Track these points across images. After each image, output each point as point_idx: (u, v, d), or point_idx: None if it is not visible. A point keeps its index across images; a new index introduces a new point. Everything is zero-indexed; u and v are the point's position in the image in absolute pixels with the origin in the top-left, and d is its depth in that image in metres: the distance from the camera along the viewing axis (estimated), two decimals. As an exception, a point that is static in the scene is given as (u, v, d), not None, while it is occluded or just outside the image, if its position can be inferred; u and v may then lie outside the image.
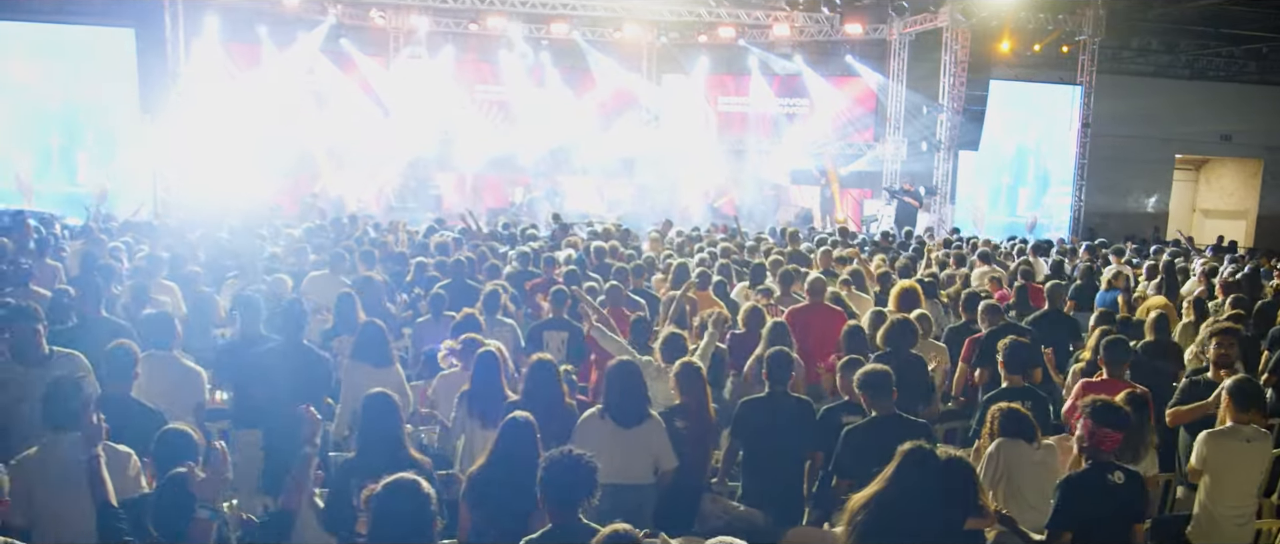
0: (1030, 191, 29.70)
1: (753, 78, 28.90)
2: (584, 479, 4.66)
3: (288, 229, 17.18)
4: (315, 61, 26.26)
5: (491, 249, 14.52)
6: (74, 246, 14.44)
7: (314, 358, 7.75)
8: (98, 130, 24.84)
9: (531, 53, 27.53)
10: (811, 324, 9.66)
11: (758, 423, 7.03)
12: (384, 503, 4.09)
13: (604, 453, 6.06)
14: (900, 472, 4.89)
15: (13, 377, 6.53)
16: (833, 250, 14.81)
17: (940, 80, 26.04)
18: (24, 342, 6.67)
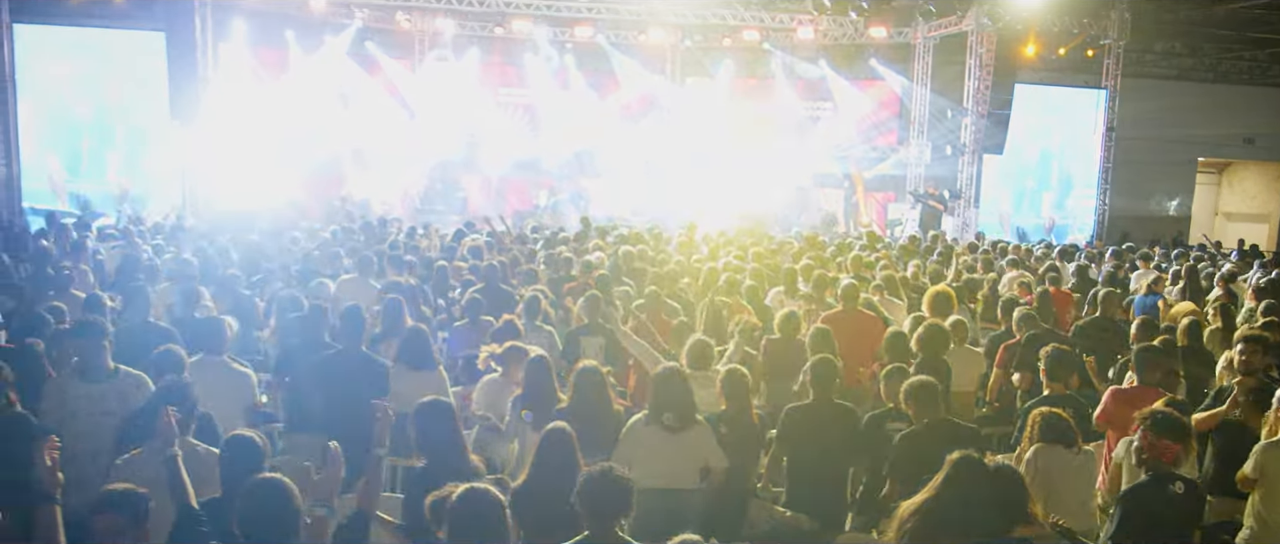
0: (1054, 195, 29.69)
1: (776, 81, 28.88)
2: (620, 496, 4.73)
3: (320, 231, 17.29)
4: (341, 65, 26.35)
5: (523, 253, 14.63)
6: (108, 249, 14.61)
7: (370, 362, 7.85)
8: (127, 133, 25.04)
9: (556, 56, 27.61)
10: (846, 330, 9.70)
11: (803, 429, 7.10)
12: (461, 511, 4.16)
13: (652, 459, 6.19)
14: (949, 479, 4.95)
15: (81, 394, 6.50)
16: (864, 255, 14.84)
17: (965, 84, 26.04)
18: (91, 358, 6.64)
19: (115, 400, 6.50)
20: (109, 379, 6.62)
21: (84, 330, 6.78)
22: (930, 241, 19.90)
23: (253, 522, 4.21)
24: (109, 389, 6.54)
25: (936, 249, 18.47)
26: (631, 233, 18.17)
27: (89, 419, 6.40)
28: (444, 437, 5.62)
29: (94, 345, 6.63)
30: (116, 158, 25.11)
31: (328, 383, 7.57)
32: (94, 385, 6.53)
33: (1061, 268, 16.01)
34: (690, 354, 7.91)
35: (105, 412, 6.44)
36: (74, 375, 6.64)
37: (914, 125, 27.90)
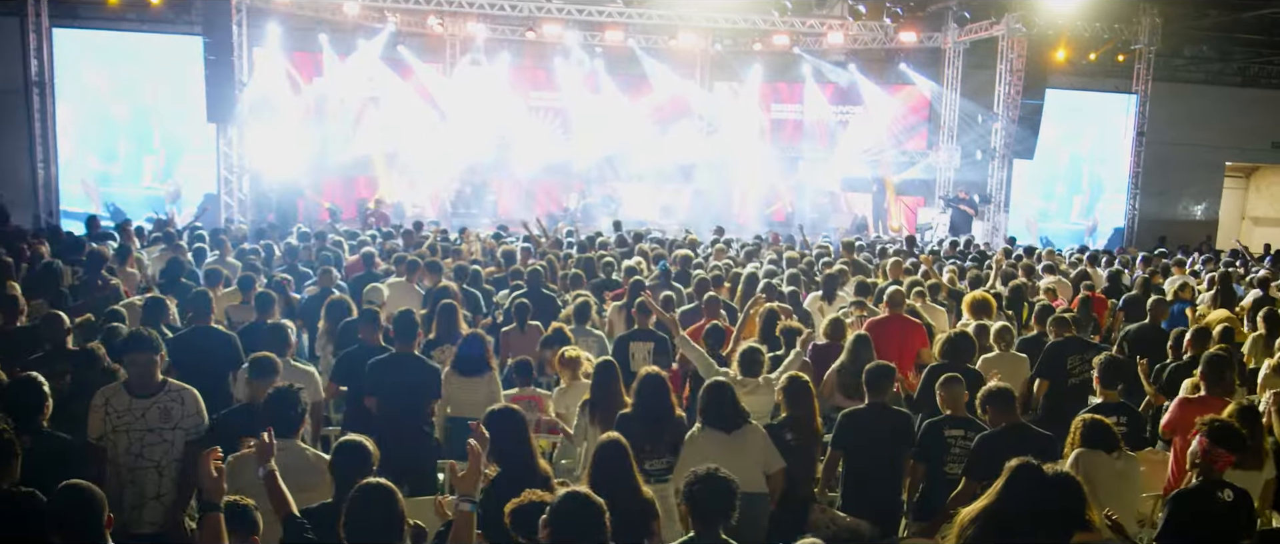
0: (1084, 199, 29.69)
1: (806, 85, 28.97)
2: (726, 496, 4.81)
3: (364, 235, 17.44)
4: (375, 69, 26.54)
5: (560, 258, 14.72)
6: (150, 252, 14.76)
7: (424, 367, 7.98)
8: (164, 136, 25.28)
9: (587, 60, 27.73)
10: (890, 335, 9.79)
11: (858, 434, 7.21)
12: (562, 514, 4.28)
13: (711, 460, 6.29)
14: (1009, 486, 5.02)
15: (126, 408, 6.35)
16: (903, 261, 14.91)
17: (996, 89, 26.09)
18: (142, 372, 6.44)
19: (158, 415, 6.37)
20: (158, 393, 6.44)
21: (136, 344, 6.52)
22: (964, 246, 19.99)
23: (360, 527, 4.31)
24: (154, 404, 6.38)
25: (970, 254, 18.56)
26: (688, 239, 18.22)
27: (136, 434, 6.30)
28: (516, 444, 5.70)
29: (146, 360, 6.43)
30: (152, 161, 25.35)
31: (382, 386, 7.71)
32: (142, 399, 6.37)
33: (1094, 273, 16.07)
34: (742, 361, 8.01)
35: (149, 427, 6.33)
36: (122, 389, 6.44)
37: (943, 130, 27.95)
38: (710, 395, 6.82)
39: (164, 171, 25.36)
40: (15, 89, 23.59)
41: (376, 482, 4.44)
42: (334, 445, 5.25)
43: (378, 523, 4.33)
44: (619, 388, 7.45)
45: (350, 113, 26.64)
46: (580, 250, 15.98)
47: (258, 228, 18.33)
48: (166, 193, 25.11)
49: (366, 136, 26.71)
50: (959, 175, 27.50)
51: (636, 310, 10.00)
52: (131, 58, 24.77)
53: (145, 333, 6.61)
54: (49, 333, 7.79)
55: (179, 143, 25.30)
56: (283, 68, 25.83)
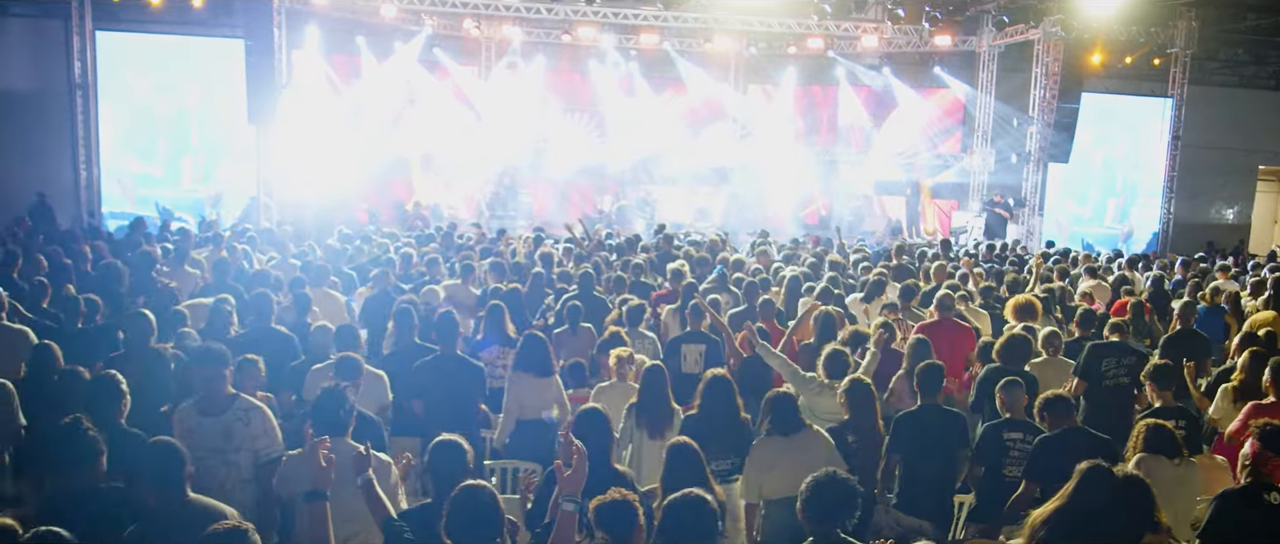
0: (1118, 203, 29.64)
1: (840, 88, 29.00)
2: (847, 499, 4.90)
3: (406, 237, 17.56)
4: (412, 71, 26.73)
5: (605, 261, 14.81)
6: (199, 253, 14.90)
7: (469, 367, 8.13)
8: (203, 138, 25.51)
9: (622, 63, 27.84)
10: (940, 339, 9.83)
11: (913, 435, 7.31)
12: (676, 515, 4.39)
13: (779, 467, 6.40)
14: (1080, 488, 5.11)
15: (200, 428, 6.08)
16: (947, 265, 14.96)
17: (1031, 93, 26.06)
18: (212, 388, 6.17)
19: (220, 435, 6.06)
20: (225, 411, 6.13)
21: (206, 357, 6.23)
22: (1000, 250, 20.01)
23: (462, 528, 4.40)
24: (218, 423, 6.07)
25: (1008, 257, 18.58)
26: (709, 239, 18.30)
27: (214, 455, 5.97)
28: (601, 444, 5.82)
29: (216, 375, 6.13)
30: (192, 163, 25.59)
31: (427, 386, 7.85)
32: (214, 418, 6.09)
33: (1134, 277, 16.08)
34: (827, 364, 8.09)
35: (212, 448, 5.99)
36: (193, 409, 6.16)
37: (977, 133, 27.95)
38: (769, 404, 6.90)
39: (203, 173, 25.57)
40: (59, 91, 23.88)
41: (478, 483, 4.54)
42: (431, 446, 5.34)
43: (480, 524, 4.42)
44: (668, 393, 7.55)
45: (388, 115, 26.80)
46: (621, 253, 16.07)
47: (299, 230, 18.45)
48: (208, 196, 25.34)
49: (403, 138, 26.87)
50: (993, 178, 27.48)
51: (690, 313, 10.08)
52: (172, 60, 25.04)
53: (216, 347, 6.32)
54: (133, 332, 7.92)
55: (218, 145, 25.51)
56: (322, 70, 26.00)
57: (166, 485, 4.89)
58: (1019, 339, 8.97)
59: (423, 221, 22.43)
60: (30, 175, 23.59)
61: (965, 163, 28.43)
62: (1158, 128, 27.60)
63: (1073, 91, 24.90)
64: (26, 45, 24.98)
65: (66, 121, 23.57)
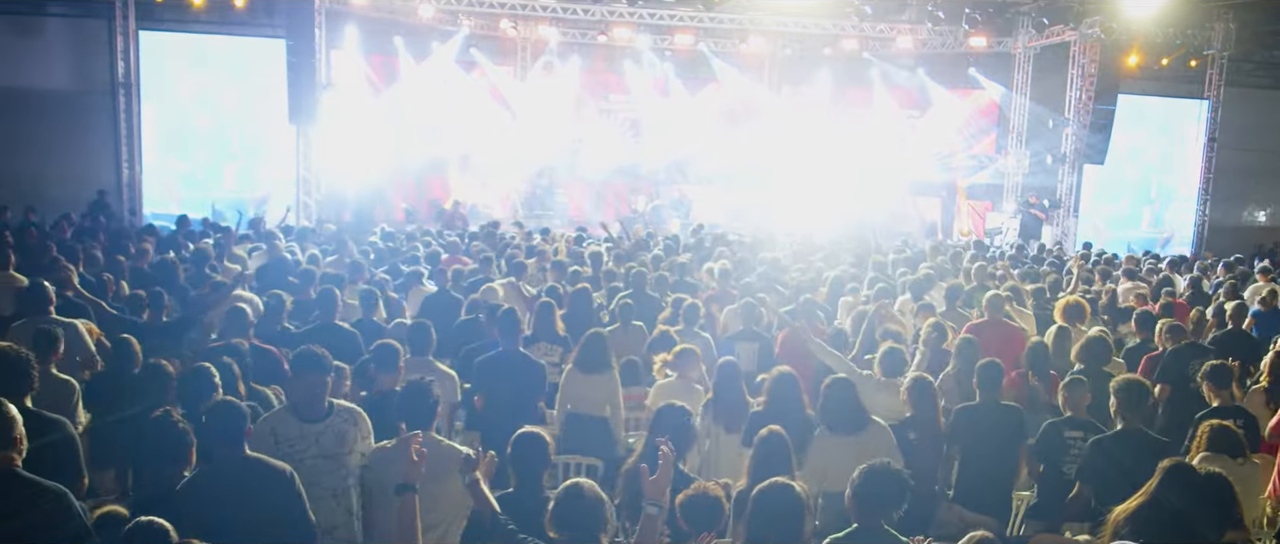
0: (1153, 207, 29.58)
1: (875, 89, 29.05)
2: (896, 489, 5.00)
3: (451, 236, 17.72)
4: (449, 71, 26.91)
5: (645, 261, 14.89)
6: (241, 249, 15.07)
7: (530, 364, 8.24)
8: (243, 138, 25.73)
9: (657, 63, 27.95)
10: (989, 339, 9.90)
11: (972, 429, 7.41)
12: (767, 503, 4.51)
13: (837, 464, 6.50)
14: (1164, 485, 5.18)
15: (298, 435, 5.90)
16: (988, 266, 15.01)
17: (1066, 94, 26.03)
18: (312, 395, 5.98)
19: (333, 441, 5.91)
20: (328, 416, 5.97)
21: (307, 364, 5.97)
22: (1038, 251, 20.03)
23: (569, 522, 4.56)
24: (327, 429, 5.92)
25: (1046, 259, 18.60)
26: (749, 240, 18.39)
27: (328, 460, 5.87)
28: (682, 439, 5.94)
29: (317, 381, 5.94)
30: (232, 162, 25.80)
31: (490, 382, 7.97)
32: (312, 424, 5.91)
33: (1175, 280, 16.09)
34: (884, 361, 8.18)
35: (324, 453, 5.87)
36: (288, 413, 5.99)
37: (1012, 134, 27.96)
38: (830, 395, 7.01)
39: (244, 173, 25.78)
40: (99, 90, 24.12)
41: (584, 480, 4.71)
42: (515, 437, 5.46)
43: (589, 517, 4.58)
44: (742, 388, 7.67)
45: (425, 115, 26.97)
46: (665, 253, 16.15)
47: (341, 228, 18.64)
48: (252, 197, 25.52)
49: (440, 138, 27.04)
50: (1027, 180, 27.48)
51: (742, 313, 10.19)
52: (212, 59, 25.24)
53: (317, 352, 6.02)
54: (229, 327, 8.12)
55: (258, 144, 25.71)
56: (361, 70, 26.22)
57: (229, 440, 5.26)
58: (1096, 340, 9.01)
59: (462, 221, 22.58)
60: (70, 174, 23.86)
61: (1000, 164, 28.42)
62: (1194, 130, 27.59)
63: (1109, 93, 24.84)
64: (66, 45, 25.21)
65: (106, 121, 23.75)
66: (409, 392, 5.88)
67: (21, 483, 4.70)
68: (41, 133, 24.35)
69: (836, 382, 7.12)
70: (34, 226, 17.97)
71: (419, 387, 5.87)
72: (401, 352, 7.34)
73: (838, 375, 7.45)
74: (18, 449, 4.78)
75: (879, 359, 8.25)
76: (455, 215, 23.08)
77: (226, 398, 5.67)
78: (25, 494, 4.62)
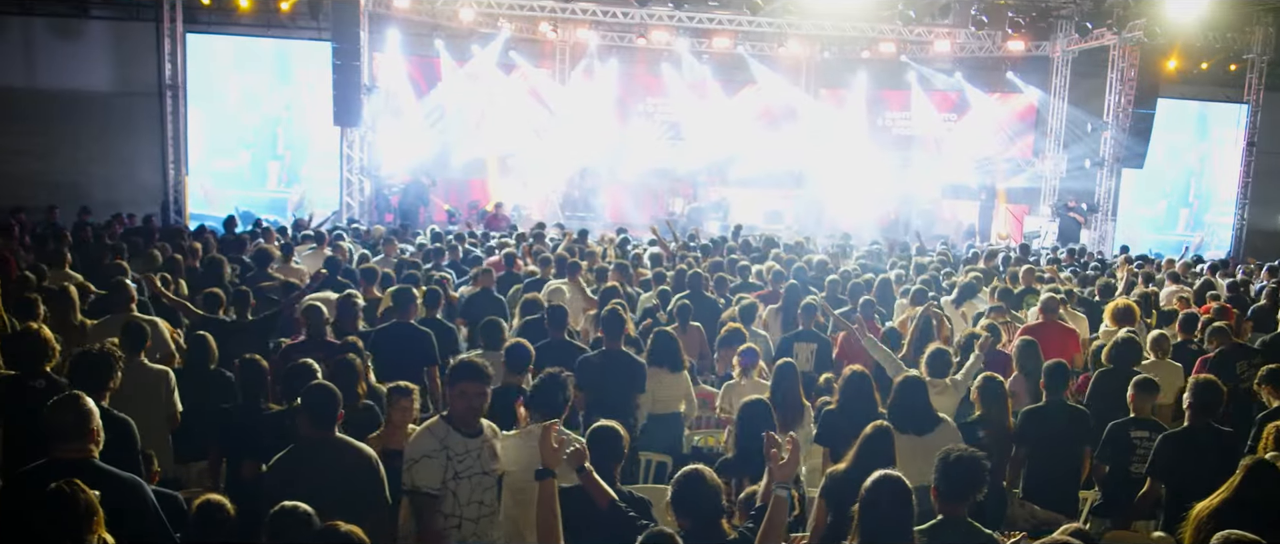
0: (1191, 210, 29.54)
1: (913, 92, 29.12)
2: (978, 475, 5.10)
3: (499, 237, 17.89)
4: (490, 74, 27.12)
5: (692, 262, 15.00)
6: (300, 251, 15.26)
7: (632, 362, 8.40)
8: (288, 140, 25.99)
9: (696, 65, 28.10)
10: (1046, 341, 10.00)
11: (1040, 429, 7.53)
12: (878, 495, 4.67)
13: (905, 463, 6.62)
14: (1246, 482, 5.31)
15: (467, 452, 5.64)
16: (1036, 269, 15.11)
17: (1105, 98, 26.04)
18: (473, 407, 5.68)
19: (489, 456, 5.71)
20: (481, 432, 5.75)
21: (468, 373, 5.67)
22: (1080, 254, 20.08)
23: (691, 508, 4.77)
24: (484, 445, 5.72)
25: (1089, 263, 18.66)
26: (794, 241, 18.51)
27: (476, 480, 5.63)
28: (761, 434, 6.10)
29: (478, 392, 5.64)
30: (277, 164, 26.07)
31: (593, 381, 8.09)
32: (473, 439, 5.66)
33: (1218, 283, 16.13)
34: (930, 362, 8.31)
35: (484, 469, 5.67)
36: (450, 427, 5.63)
37: (1050, 137, 27.99)
38: (901, 393, 7.14)
39: (288, 175, 26.04)
40: (142, 92, 24.42)
41: (699, 468, 4.89)
42: (589, 432, 5.63)
43: (708, 502, 4.78)
44: (799, 388, 7.83)
45: (466, 117, 27.19)
46: (708, 254, 16.26)
47: (390, 230, 18.83)
48: (293, 199, 25.79)
49: (481, 140, 27.26)
50: (1064, 183, 27.51)
51: (801, 312, 10.33)
52: (254, 60, 25.53)
53: (479, 362, 5.76)
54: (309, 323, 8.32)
55: (302, 146, 25.97)
56: (403, 72, 26.47)
57: (322, 421, 5.54)
58: (1127, 341, 9.12)
59: (505, 222, 22.76)
60: (113, 175, 24.17)
61: (1038, 167, 28.45)
62: (1232, 134, 27.57)
63: (1148, 97, 24.83)
64: (112, 47, 25.56)
65: (150, 123, 24.04)
66: (546, 383, 6.03)
67: (98, 474, 4.92)
68: (85, 134, 24.67)
69: (908, 381, 7.25)
70: (90, 226, 18.24)
71: (556, 379, 6.02)
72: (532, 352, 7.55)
73: (909, 373, 7.59)
74: (94, 441, 5.05)
75: (926, 360, 8.37)
76: (498, 217, 23.24)
77: (321, 382, 5.91)
78: (103, 485, 4.81)
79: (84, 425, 4.96)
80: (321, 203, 24.54)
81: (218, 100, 25.31)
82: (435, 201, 25.68)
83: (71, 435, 4.94)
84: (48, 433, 4.97)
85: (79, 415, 4.96)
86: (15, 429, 6.14)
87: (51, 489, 4.22)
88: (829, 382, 8.99)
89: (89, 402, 5.07)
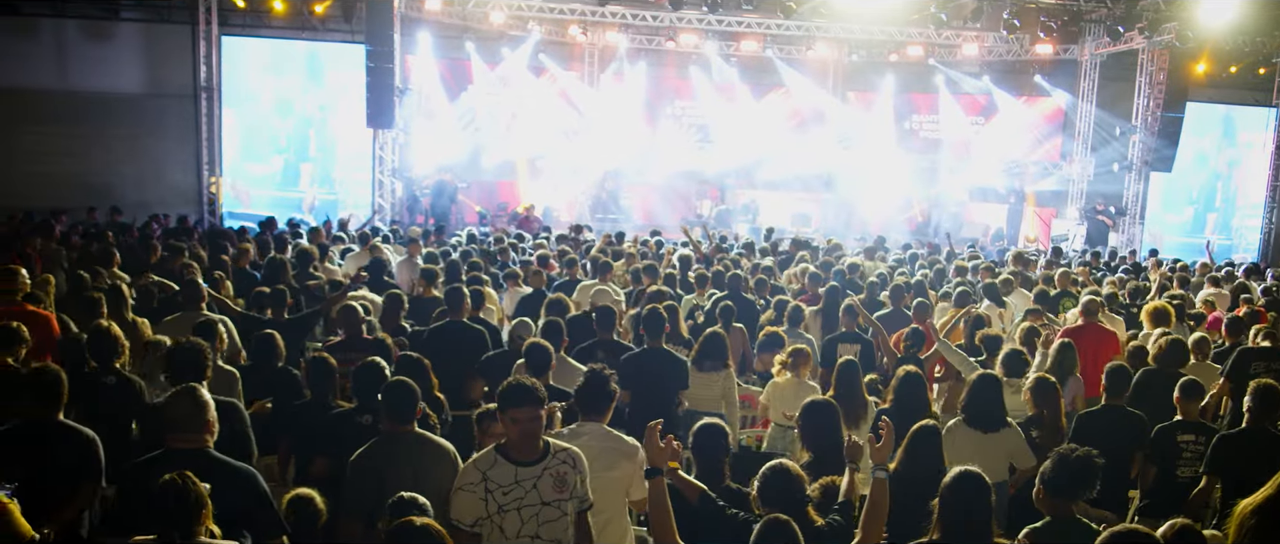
0: (1219, 214, 29.52)
1: (940, 96, 29.19)
2: (1092, 475, 5.35)
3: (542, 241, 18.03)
4: (520, 76, 27.32)
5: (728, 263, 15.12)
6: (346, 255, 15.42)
7: (675, 360, 8.54)
8: (321, 142, 26.19)
9: (724, 68, 28.22)
10: (1086, 343, 10.12)
11: (1096, 433, 7.61)
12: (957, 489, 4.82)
13: (966, 458, 6.74)
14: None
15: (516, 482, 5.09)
16: (1071, 271, 15.21)
17: (1134, 101, 26.07)
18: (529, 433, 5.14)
19: (552, 484, 5.15)
20: (545, 457, 5.22)
21: (519, 396, 5.13)
22: (1111, 258, 20.14)
23: (777, 498, 4.94)
24: (547, 470, 5.19)
25: (1121, 266, 18.73)
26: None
27: (530, 511, 5.09)
28: (832, 431, 6.25)
29: (531, 417, 5.13)
30: (309, 166, 26.27)
31: (635, 379, 8.21)
32: (528, 467, 5.15)
33: (1252, 287, 16.18)
34: (1006, 363, 8.44)
35: (545, 500, 5.13)
36: (499, 457, 5.13)
37: (1078, 141, 28.02)
38: (976, 391, 7.29)
39: (320, 177, 26.24)
40: (179, 94, 24.67)
41: (785, 460, 5.09)
42: (696, 428, 5.81)
43: (795, 493, 4.97)
44: (861, 386, 7.96)
45: (497, 119, 27.38)
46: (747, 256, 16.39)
47: (426, 230, 19.00)
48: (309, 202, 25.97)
49: (511, 142, 27.44)
50: (1092, 186, 27.53)
51: (844, 314, 10.47)
52: (286, 62, 25.74)
53: (529, 383, 5.22)
54: (347, 324, 8.45)
55: (331, 149, 26.17)
56: (435, 75, 26.67)
57: (401, 416, 5.71)
58: (1174, 344, 9.22)
59: (537, 224, 22.91)
60: (143, 176, 24.45)
61: (1065, 170, 28.48)
62: (1261, 137, 27.58)
63: (1177, 101, 24.83)
64: (140, 50, 25.88)
65: (180, 124, 24.32)
66: (591, 380, 6.09)
67: (216, 463, 5.14)
68: (116, 135, 24.98)
69: (984, 378, 7.41)
70: (133, 226, 18.47)
71: (600, 376, 6.09)
72: (552, 353, 7.61)
73: (987, 372, 7.73)
74: (211, 431, 5.27)
75: (1001, 360, 8.49)
76: (530, 219, 23.41)
77: (401, 378, 6.06)
78: (220, 474, 5.00)
79: (201, 416, 5.18)
80: (343, 206, 24.77)
81: (249, 101, 25.49)
82: (467, 203, 25.86)
83: (188, 426, 5.16)
84: (165, 424, 5.20)
85: (197, 407, 5.17)
86: (89, 425, 6.24)
87: (164, 481, 4.39)
88: (874, 382, 9.16)
89: (205, 393, 5.29)
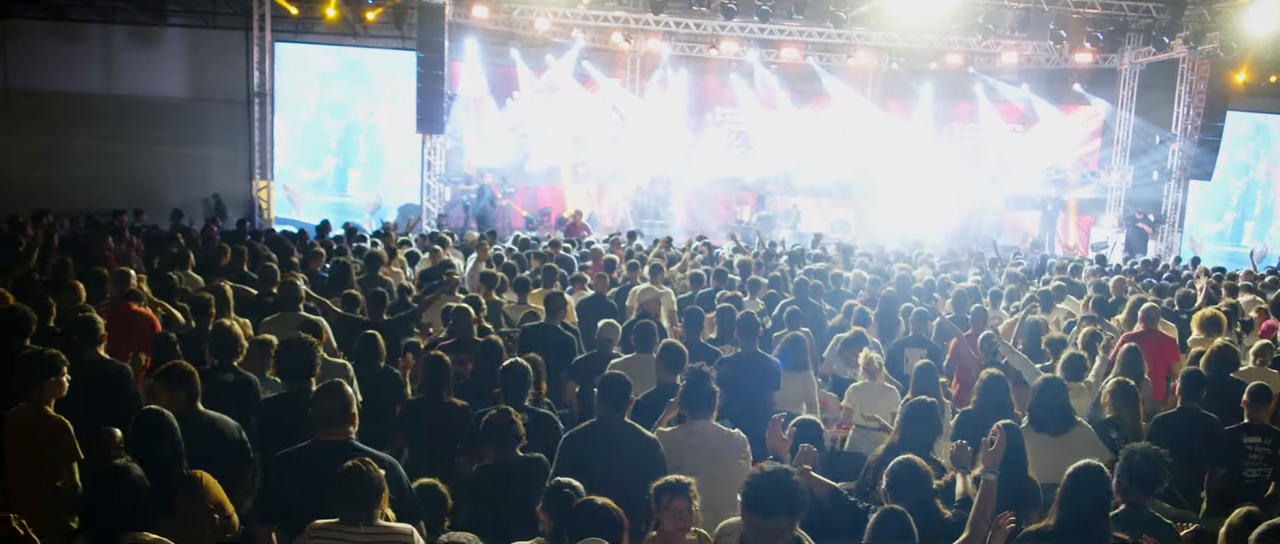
0: (1256, 224, 29.66)
1: (980, 104, 29.40)
2: (1159, 470, 5.63)
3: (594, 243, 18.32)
4: (565, 84, 27.69)
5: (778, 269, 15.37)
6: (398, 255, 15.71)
7: (767, 362, 8.79)
8: (370, 147, 26.60)
9: (766, 75, 28.51)
10: (1146, 349, 10.35)
11: (1171, 435, 7.87)
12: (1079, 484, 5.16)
13: (1039, 461, 7.05)
14: None
15: None
16: (1126, 279, 15.44)
17: (1174, 110, 26.25)
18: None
19: None
20: None
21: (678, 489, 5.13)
22: (1155, 265, 20.33)
23: (903, 491, 5.29)
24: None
25: (1163, 274, 18.92)
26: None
27: None
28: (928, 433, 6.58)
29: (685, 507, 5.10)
30: (357, 171, 26.68)
31: (729, 380, 8.43)
32: None
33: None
34: (1067, 366, 8.72)
35: None
36: None
37: (1117, 149, 28.19)
38: (1042, 394, 7.54)
39: (369, 181, 26.64)
40: (226, 99, 25.15)
41: (913, 456, 5.46)
42: (794, 422, 6.12)
43: (922, 485, 5.35)
44: (937, 387, 8.26)
45: (541, 125, 27.74)
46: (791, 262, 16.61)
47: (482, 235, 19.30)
48: (368, 202, 26.39)
49: (556, 148, 27.80)
50: (1130, 194, 27.70)
51: (913, 320, 10.77)
52: (336, 67, 26.14)
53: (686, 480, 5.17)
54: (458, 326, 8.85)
55: (381, 153, 26.56)
56: (482, 81, 27.06)
57: (613, 405, 6.13)
58: (1225, 349, 9.48)
59: (584, 230, 23.22)
60: (190, 179, 24.93)
61: (1104, 178, 28.64)
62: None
63: (1217, 109, 24.96)
64: (186, 56, 26.39)
65: (226, 129, 24.81)
66: (695, 380, 6.37)
67: (358, 455, 5.37)
68: (161, 140, 25.48)
69: (1049, 382, 7.66)
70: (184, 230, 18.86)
71: (703, 376, 6.37)
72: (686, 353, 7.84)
73: (1049, 375, 8.01)
74: (353, 423, 5.62)
75: (1062, 364, 8.76)
76: (577, 225, 23.73)
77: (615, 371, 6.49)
78: None
79: (346, 410, 5.54)
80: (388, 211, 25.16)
81: (303, 107, 25.90)
82: (513, 208, 26.22)
83: (336, 419, 5.51)
84: (314, 417, 5.54)
85: (343, 401, 5.53)
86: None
87: (348, 467, 4.75)
88: (944, 386, 9.46)
89: (350, 388, 5.66)
